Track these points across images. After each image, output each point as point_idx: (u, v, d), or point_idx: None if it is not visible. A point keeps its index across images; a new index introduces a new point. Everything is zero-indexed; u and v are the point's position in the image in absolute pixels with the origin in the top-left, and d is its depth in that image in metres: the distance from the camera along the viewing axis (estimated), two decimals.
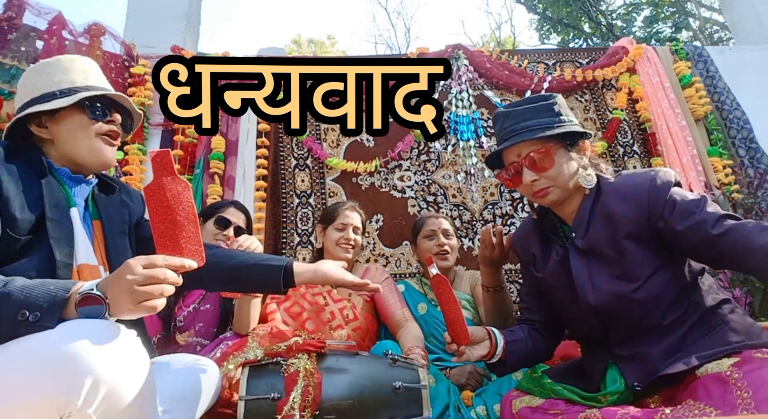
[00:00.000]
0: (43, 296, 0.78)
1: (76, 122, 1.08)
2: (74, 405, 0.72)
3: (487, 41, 13.78)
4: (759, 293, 2.10)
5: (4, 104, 2.50)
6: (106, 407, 0.76)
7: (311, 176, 2.89)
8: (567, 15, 10.39)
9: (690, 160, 2.86)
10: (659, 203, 1.11)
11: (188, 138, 2.79)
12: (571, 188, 1.23)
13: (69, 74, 1.10)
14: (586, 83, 3.12)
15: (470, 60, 3.15)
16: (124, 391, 0.78)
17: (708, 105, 3.05)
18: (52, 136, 1.08)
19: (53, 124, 1.07)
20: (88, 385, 0.73)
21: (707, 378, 0.92)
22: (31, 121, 1.07)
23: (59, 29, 2.74)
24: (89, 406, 0.73)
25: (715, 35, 9.98)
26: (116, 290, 0.79)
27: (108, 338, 0.78)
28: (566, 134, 1.21)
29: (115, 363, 0.76)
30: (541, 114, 1.22)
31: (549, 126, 1.20)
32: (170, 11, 3.32)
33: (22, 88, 1.12)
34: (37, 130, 1.07)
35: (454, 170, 2.92)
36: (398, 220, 2.77)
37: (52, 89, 1.07)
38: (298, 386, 1.20)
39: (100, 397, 0.74)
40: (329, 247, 1.98)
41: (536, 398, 1.20)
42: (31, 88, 1.09)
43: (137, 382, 0.81)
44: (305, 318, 1.85)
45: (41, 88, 1.08)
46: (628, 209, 1.14)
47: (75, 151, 1.08)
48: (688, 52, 3.30)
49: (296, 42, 15.50)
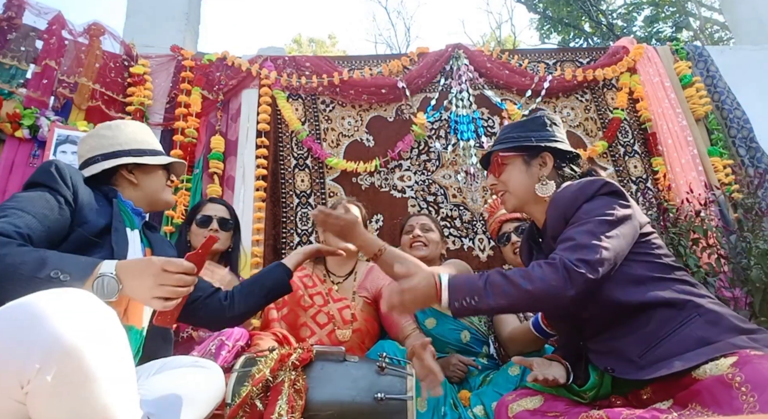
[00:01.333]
0: (75, 264, 0.97)
1: (161, 176, 1.42)
2: (32, 371, 0.71)
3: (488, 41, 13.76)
4: (759, 293, 2.10)
5: (4, 104, 2.50)
6: (68, 376, 0.74)
7: (311, 176, 2.89)
8: (567, 14, 10.38)
9: (690, 159, 2.86)
10: (571, 210, 1.22)
11: (188, 138, 2.79)
12: (528, 196, 1.36)
13: (148, 138, 1.43)
14: (587, 83, 3.12)
15: (470, 59, 3.15)
16: (87, 361, 0.75)
17: (708, 105, 3.05)
18: (138, 182, 1.36)
19: (141, 173, 1.37)
20: (43, 350, 0.72)
21: (710, 382, 0.92)
22: (121, 167, 1.34)
23: (59, 29, 2.74)
24: (47, 373, 0.72)
25: (716, 35, 9.97)
26: (137, 281, 0.97)
27: (70, 307, 0.77)
28: (525, 148, 1.37)
29: (74, 331, 0.75)
30: (517, 129, 1.41)
31: (512, 140, 1.39)
32: (170, 11, 3.32)
33: (104, 138, 1.36)
34: (127, 174, 1.35)
35: (454, 169, 2.92)
36: (398, 220, 2.76)
37: (141, 147, 1.38)
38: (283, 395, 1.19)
39: (58, 364, 0.73)
40: (330, 242, 1.89)
41: (534, 400, 1.20)
42: (120, 141, 1.36)
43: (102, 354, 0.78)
44: (301, 323, 1.83)
45: (129, 144, 1.36)
46: (555, 214, 1.26)
47: (155, 197, 1.40)
48: (688, 51, 3.29)
49: (297, 41, 15.48)
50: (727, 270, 2.28)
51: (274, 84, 3.01)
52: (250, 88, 3.02)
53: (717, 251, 2.31)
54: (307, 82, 3.03)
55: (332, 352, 1.39)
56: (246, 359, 1.40)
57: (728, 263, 2.29)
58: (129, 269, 0.98)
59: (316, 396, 1.24)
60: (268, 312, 1.85)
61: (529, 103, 3.08)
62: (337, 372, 1.30)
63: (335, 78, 2.99)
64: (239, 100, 3.00)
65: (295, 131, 2.93)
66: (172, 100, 2.91)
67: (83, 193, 1.21)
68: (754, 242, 2.22)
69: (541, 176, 1.34)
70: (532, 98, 3.08)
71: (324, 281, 1.94)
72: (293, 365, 1.28)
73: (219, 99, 2.94)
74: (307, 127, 2.97)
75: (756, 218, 2.34)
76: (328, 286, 1.92)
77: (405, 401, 1.24)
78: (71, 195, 1.18)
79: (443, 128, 3.00)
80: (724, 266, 2.28)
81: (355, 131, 2.99)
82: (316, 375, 1.29)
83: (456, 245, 2.76)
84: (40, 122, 2.54)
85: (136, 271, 0.98)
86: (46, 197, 1.14)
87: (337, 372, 1.30)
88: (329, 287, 1.91)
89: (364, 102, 3.03)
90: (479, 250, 2.76)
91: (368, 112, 3.05)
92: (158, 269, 0.97)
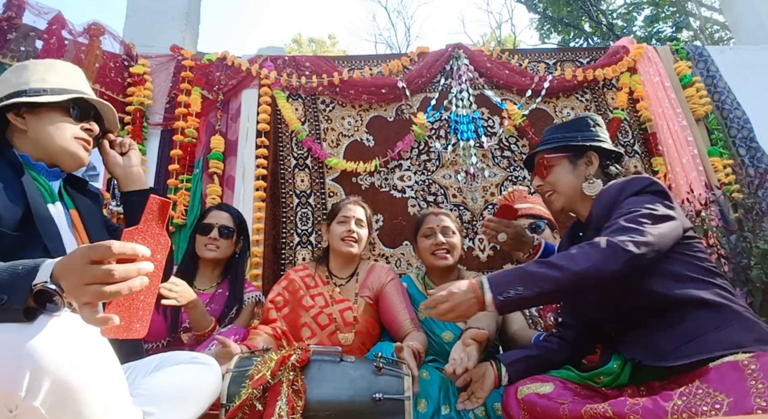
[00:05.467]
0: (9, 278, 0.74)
1: (57, 119, 1.13)
2: (18, 397, 0.70)
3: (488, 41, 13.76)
4: (759, 293, 2.10)
5: None
6: (56, 399, 0.73)
7: (311, 176, 2.88)
8: (567, 14, 10.38)
9: (690, 159, 2.86)
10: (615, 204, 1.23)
11: (187, 138, 2.79)
12: (575, 195, 1.37)
13: (60, 76, 1.16)
14: (587, 83, 3.12)
15: (471, 59, 3.15)
16: (74, 383, 0.74)
17: (708, 105, 3.05)
18: (27, 127, 1.12)
19: (32, 116, 1.12)
20: (28, 376, 0.71)
21: (722, 366, 0.91)
22: (9, 110, 1.11)
23: (59, 29, 2.74)
24: (34, 398, 0.71)
25: (716, 35, 9.96)
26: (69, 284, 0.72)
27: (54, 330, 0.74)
28: (571, 148, 1.39)
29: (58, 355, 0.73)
30: (561, 130, 1.44)
31: (557, 141, 1.41)
32: (169, 11, 3.32)
33: (7, 80, 1.16)
34: (13, 118, 1.11)
35: (454, 169, 2.92)
36: (398, 220, 2.76)
37: (43, 86, 1.12)
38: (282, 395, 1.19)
39: (44, 389, 0.72)
40: (334, 243, 1.92)
41: (545, 386, 1.19)
42: (20, 82, 1.13)
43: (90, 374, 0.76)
44: (301, 323, 1.82)
45: (29, 83, 1.12)
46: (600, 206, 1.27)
47: (51, 146, 1.12)
48: (688, 51, 3.29)
49: (297, 41, 15.48)
50: (727, 270, 2.28)
51: (274, 84, 3.01)
52: (250, 88, 3.02)
53: (717, 251, 2.30)
54: (307, 82, 3.03)
55: (329, 352, 1.39)
56: (239, 358, 1.38)
57: (728, 263, 2.29)
58: (63, 269, 0.73)
59: (314, 396, 1.24)
60: (267, 312, 1.83)
61: (529, 103, 3.08)
62: (334, 372, 1.30)
63: (335, 78, 2.99)
64: (239, 100, 2.99)
65: (295, 131, 2.93)
66: (172, 100, 2.91)
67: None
68: (754, 242, 2.22)
69: (587, 174, 1.37)
70: (532, 98, 3.08)
71: (327, 283, 1.91)
72: (292, 366, 1.27)
73: (219, 99, 2.94)
74: (307, 127, 2.97)
75: (756, 218, 2.34)
76: (331, 288, 1.90)
77: (402, 401, 1.24)
78: None
79: (443, 128, 3.00)
80: (725, 266, 2.28)
81: (355, 131, 2.99)
82: (313, 375, 1.29)
83: None
84: None
85: (65, 270, 0.72)
86: None
87: (335, 372, 1.30)
88: (332, 288, 1.89)
89: (364, 102, 3.03)
90: (479, 250, 2.76)
91: (368, 112, 3.05)
92: (80, 261, 0.70)
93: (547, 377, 1.23)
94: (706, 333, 1.05)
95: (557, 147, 1.41)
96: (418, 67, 3.11)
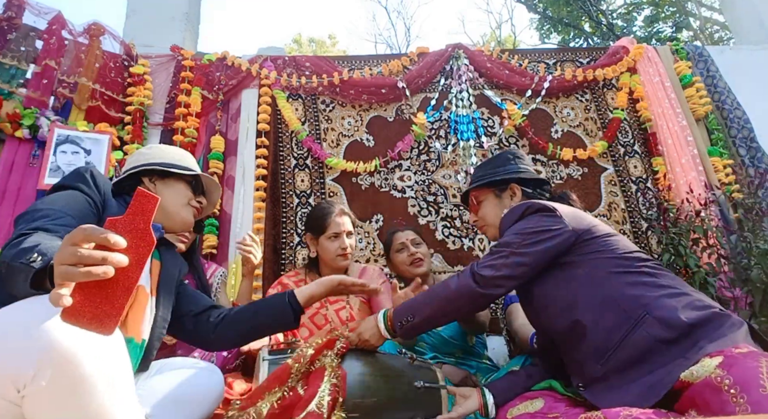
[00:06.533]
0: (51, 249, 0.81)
1: (181, 189, 1.36)
2: (27, 376, 0.71)
3: (488, 41, 13.76)
4: (759, 293, 2.10)
5: (4, 104, 2.50)
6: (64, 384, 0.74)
7: (311, 176, 2.89)
8: (567, 14, 10.38)
9: (690, 160, 2.86)
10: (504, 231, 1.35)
11: (187, 138, 2.79)
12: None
13: (184, 158, 1.41)
14: (587, 83, 3.12)
15: (470, 59, 3.15)
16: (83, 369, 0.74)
17: (708, 105, 3.05)
18: (156, 191, 1.31)
19: (161, 183, 1.34)
20: (38, 357, 0.72)
21: (700, 387, 0.92)
22: (144, 175, 1.33)
23: (59, 29, 2.74)
24: (42, 378, 0.72)
25: (716, 35, 9.96)
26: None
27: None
28: (494, 183, 1.52)
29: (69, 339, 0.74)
30: (485, 168, 1.58)
31: (481, 178, 1.54)
32: (169, 10, 3.32)
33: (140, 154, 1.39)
34: (147, 183, 1.33)
35: (454, 169, 2.92)
36: (398, 220, 2.76)
37: (172, 161, 1.37)
38: (326, 382, 1.15)
39: (53, 370, 0.72)
40: (327, 258, 1.92)
41: (535, 402, 1.19)
42: (155, 156, 1.37)
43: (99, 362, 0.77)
44: (300, 324, 1.82)
45: (163, 158, 1.36)
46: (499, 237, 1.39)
47: (169, 207, 1.31)
48: (688, 51, 3.29)
49: (297, 41, 15.48)
50: (727, 270, 2.28)
51: (274, 84, 3.01)
52: (250, 88, 3.02)
53: (717, 251, 2.31)
54: (307, 82, 3.03)
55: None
56: (269, 351, 1.36)
57: (728, 263, 2.29)
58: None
59: (355, 384, 1.22)
60: None
61: (529, 103, 3.08)
62: (373, 362, 1.31)
63: (335, 78, 2.99)
64: (239, 100, 2.99)
65: (295, 131, 2.93)
66: (172, 100, 2.91)
67: (111, 202, 1.19)
68: (754, 242, 2.22)
69: (512, 205, 1.45)
70: (532, 98, 3.08)
71: None
72: (337, 351, 1.26)
73: (219, 99, 2.94)
74: (307, 127, 2.97)
75: (756, 218, 2.34)
76: None
77: (439, 390, 1.28)
78: (101, 201, 1.16)
79: (443, 128, 3.00)
80: (725, 266, 2.28)
81: (355, 131, 2.99)
82: (353, 364, 1.28)
83: (456, 245, 2.76)
84: (40, 122, 2.53)
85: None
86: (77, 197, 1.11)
87: (374, 362, 1.31)
88: None
89: (364, 102, 3.03)
90: (479, 250, 2.76)
91: (368, 112, 3.05)
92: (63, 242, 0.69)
93: (535, 392, 1.25)
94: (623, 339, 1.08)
95: (481, 184, 1.53)
96: (418, 67, 3.11)
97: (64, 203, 1.06)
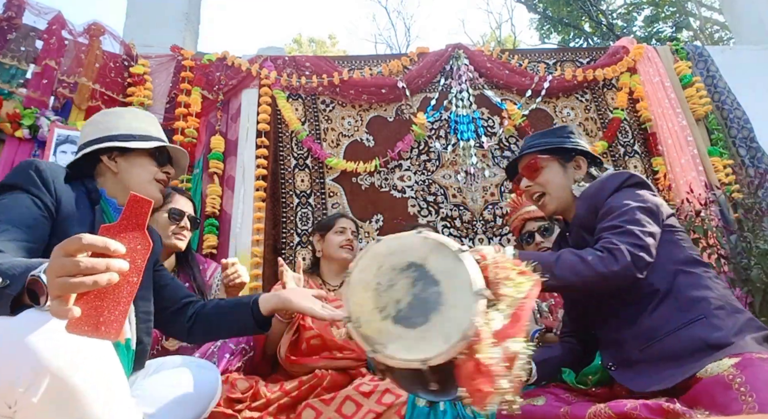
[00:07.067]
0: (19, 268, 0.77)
1: (145, 164, 1.27)
2: (17, 393, 0.71)
3: (488, 41, 13.76)
4: (759, 293, 2.10)
5: (4, 104, 2.50)
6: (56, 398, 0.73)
7: (311, 176, 2.88)
8: (567, 14, 10.38)
9: (690, 159, 2.86)
10: (600, 200, 1.27)
11: (187, 138, 2.79)
12: (567, 197, 1.39)
13: (145, 124, 1.31)
14: (587, 83, 3.12)
15: (470, 59, 3.15)
16: (75, 382, 0.74)
17: (708, 105, 3.05)
18: (118, 170, 1.24)
19: (123, 160, 1.25)
20: (28, 372, 0.71)
21: (709, 383, 0.92)
22: (103, 153, 1.24)
23: (59, 29, 2.74)
24: (33, 395, 0.71)
25: (716, 35, 9.96)
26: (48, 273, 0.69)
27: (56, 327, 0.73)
28: (559, 150, 1.42)
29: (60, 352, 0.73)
30: (548, 136, 1.47)
31: (545, 144, 1.44)
32: (169, 11, 3.32)
33: (97, 124, 1.28)
34: (107, 161, 1.24)
35: (454, 169, 2.92)
36: (398, 220, 2.76)
37: (131, 132, 1.26)
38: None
39: (44, 386, 0.72)
40: (330, 251, 2.04)
41: (538, 400, 1.20)
42: (110, 127, 1.26)
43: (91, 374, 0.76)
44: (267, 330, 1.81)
45: (120, 129, 1.26)
46: (584, 205, 1.33)
47: (135, 187, 1.23)
48: (688, 51, 3.29)
49: (297, 41, 15.47)
50: (727, 270, 2.28)
51: (274, 84, 3.00)
52: (250, 88, 3.02)
53: (717, 251, 2.30)
54: (307, 82, 3.03)
55: None
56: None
57: (728, 263, 2.29)
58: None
59: None
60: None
61: (529, 103, 3.08)
62: None
63: (335, 78, 2.99)
64: (239, 100, 3.00)
65: (295, 131, 2.93)
66: (172, 100, 2.91)
67: (66, 200, 1.10)
68: (754, 242, 2.22)
69: (576, 178, 1.40)
70: (532, 98, 3.08)
71: (321, 287, 1.99)
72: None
73: (219, 99, 2.94)
74: (307, 127, 2.97)
75: (756, 218, 2.34)
76: (325, 289, 1.95)
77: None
78: (52, 202, 1.07)
79: (443, 128, 3.00)
80: (725, 266, 2.28)
81: (355, 131, 2.99)
82: None
83: None
84: (40, 122, 2.54)
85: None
86: (22, 201, 1.03)
87: None
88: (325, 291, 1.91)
89: (364, 102, 3.03)
90: None
91: (368, 112, 3.05)
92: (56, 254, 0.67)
93: (539, 390, 1.26)
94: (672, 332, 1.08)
95: (548, 149, 1.43)
96: (418, 67, 3.11)
97: (6, 211, 0.99)
